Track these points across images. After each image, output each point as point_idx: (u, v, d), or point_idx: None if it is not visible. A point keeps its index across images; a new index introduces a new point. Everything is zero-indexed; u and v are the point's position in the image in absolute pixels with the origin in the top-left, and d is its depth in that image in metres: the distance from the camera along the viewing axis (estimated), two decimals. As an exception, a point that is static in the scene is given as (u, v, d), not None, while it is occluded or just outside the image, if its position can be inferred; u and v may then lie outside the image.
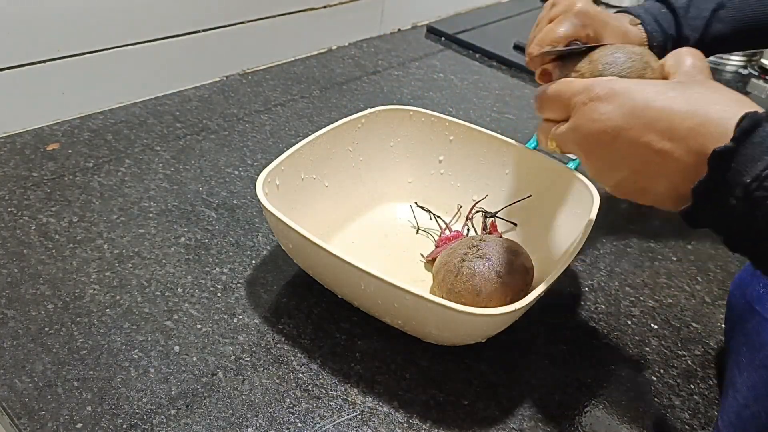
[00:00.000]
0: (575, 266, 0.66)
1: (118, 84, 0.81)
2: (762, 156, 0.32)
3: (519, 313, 0.49)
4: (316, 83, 0.94)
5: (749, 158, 0.32)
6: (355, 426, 0.47)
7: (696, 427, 0.51)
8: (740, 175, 0.32)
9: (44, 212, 0.62)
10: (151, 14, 0.80)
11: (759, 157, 0.32)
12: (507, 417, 0.49)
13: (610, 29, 0.55)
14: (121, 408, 0.46)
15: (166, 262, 0.59)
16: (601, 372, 0.55)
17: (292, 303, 0.56)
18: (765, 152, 0.32)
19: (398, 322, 0.52)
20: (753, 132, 0.32)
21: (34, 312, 0.52)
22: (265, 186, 0.54)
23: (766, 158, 0.31)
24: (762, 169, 0.31)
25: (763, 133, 0.32)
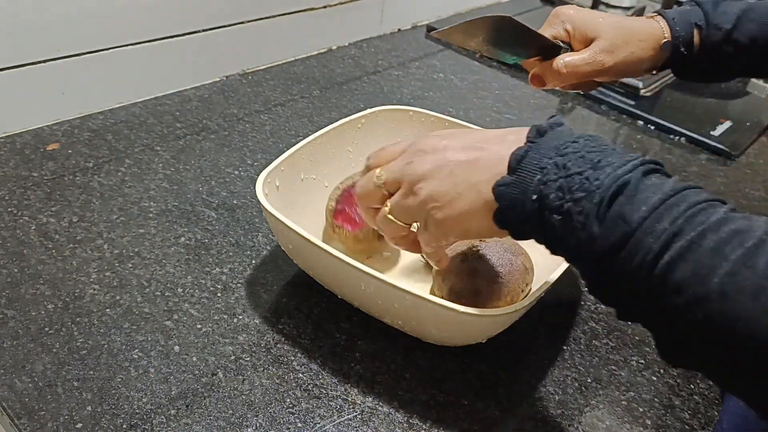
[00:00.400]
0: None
1: (118, 84, 0.81)
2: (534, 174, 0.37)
3: (519, 314, 0.49)
4: (316, 83, 0.94)
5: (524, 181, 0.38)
6: (355, 426, 0.47)
7: (696, 427, 0.51)
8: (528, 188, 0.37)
9: (44, 212, 0.62)
10: (151, 14, 0.80)
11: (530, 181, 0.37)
12: (507, 417, 0.49)
13: (592, 24, 0.60)
14: (121, 408, 0.46)
15: (166, 262, 0.59)
16: (601, 372, 0.55)
17: (292, 303, 0.56)
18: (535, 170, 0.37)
19: (398, 322, 0.52)
20: (524, 158, 0.38)
21: (34, 312, 0.52)
22: (265, 186, 0.54)
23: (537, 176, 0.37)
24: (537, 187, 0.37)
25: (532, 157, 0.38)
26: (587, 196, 0.35)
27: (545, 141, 0.38)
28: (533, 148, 0.38)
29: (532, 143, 0.39)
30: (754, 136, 0.97)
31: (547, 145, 0.38)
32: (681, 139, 0.94)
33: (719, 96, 1.09)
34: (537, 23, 1.35)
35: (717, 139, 0.93)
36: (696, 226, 0.32)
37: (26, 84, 0.73)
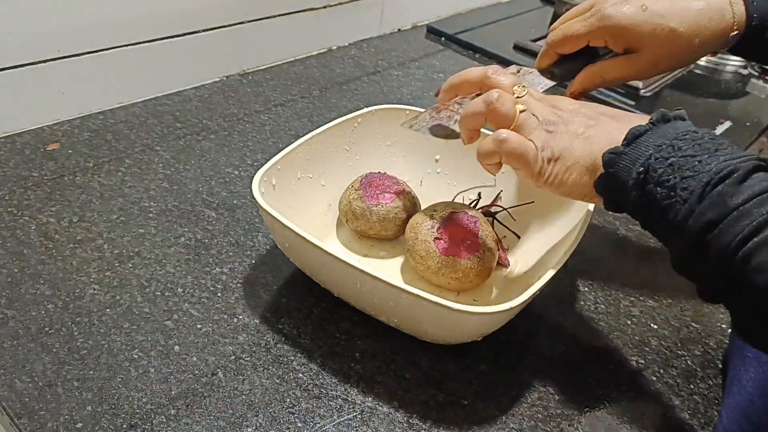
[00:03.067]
0: (575, 266, 0.66)
1: (118, 84, 0.81)
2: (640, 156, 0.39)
3: (514, 312, 0.49)
4: (316, 83, 0.94)
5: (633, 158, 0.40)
6: (355, 426, 0.47)
7: (696, 427, 0.51)
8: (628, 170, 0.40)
9: (44, 212, 0.62)
10: (151, 14, 0.80)
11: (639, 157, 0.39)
12: (507, 417, 0.49)
13: (635, 34, 0.52)
14: (121, 408, 0.46)
15: (166, 262, 0.59)
16: (601, 372, 0.55)
17: (291, 303, 0.56)
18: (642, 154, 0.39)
19: (394, 321, 0.52)
20: (634, 141, 0.40)
21: (34, 312, 0.52)
22: (262, 185, 0.54)
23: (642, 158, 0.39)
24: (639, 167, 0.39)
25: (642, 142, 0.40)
26: (696, 176, 0.36)
27: (666, 127, 0.40)
28: (654, 129, 0.40)
29: (654, 125, 0.40)
30: (754, 136, 0.97)
31: (667, 129, 0.40)
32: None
33: (719, 96, 1.09)
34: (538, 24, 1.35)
35: (717, 139, 0.92)
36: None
37: (26, 84, 0.73)
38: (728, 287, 0.36)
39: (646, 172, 0.38)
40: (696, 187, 0.36)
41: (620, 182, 0.40)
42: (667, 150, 0.38)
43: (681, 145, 0.38)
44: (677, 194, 0.37)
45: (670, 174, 0.37)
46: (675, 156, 0.38)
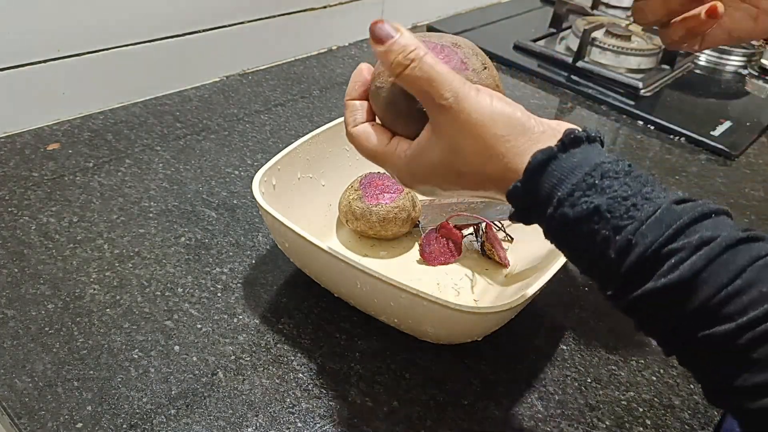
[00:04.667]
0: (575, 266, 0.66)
1: (118, 84, 0.81)
2: (550, 191, 0.34)
3: (515, 312, 0.49)
4: (316, 83, 0.94)
5: (540, 191, 0.34)
6: (355, 426, 0.47)
7: (696, 427, 0.51)
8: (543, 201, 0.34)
9: (44, 212, 0.62)
10: (151, 14, 0.80)
11: (548, 192, 0.34)
12: (507, 417, 0.49)
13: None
14: (121, 408, 0.46)
15: (166, 262, 0.59)
16: (601, 372, 0.55)
17: (291, 303, 0.56)
18: (553, 186, 0.34)
19: (394, 320, 0.52)
20: (546, 167, 0.34)
21: (34, 312, 0.52)
22: (262, 185, 0.54)
23: (554, 192, 0.34)
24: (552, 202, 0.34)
25: (555, 166, 0.34)
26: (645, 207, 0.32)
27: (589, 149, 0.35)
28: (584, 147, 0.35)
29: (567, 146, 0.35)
30: (754, 136, 0.97)
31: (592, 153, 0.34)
32: (681, 139, 0.94)
33: (719, 96, 1.09)
34: (538, 24, 1.35)
35: (717, 139, 0.93)
36: None
37: (26, 84, 0.73)
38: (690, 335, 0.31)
39: (592, 185, 0.33)
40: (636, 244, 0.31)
41: (548, 189, 0.34)
42: (579, 191, 0.33)
43: (626, 169, 0.33)
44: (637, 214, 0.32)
45: (627, 192, 0.32)
46: (625, 177, 0.33)
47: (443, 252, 0.62)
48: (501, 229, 0.65)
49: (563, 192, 0.33)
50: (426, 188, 0.40)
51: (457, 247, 0.63)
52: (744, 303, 0.29)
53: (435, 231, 0.62)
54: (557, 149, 0.34)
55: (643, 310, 0.32)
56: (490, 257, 0.63)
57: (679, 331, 0.32)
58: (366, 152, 0.41)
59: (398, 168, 0.40)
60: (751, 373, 0.29)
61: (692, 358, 0.33)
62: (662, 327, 0.33)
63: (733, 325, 0.29)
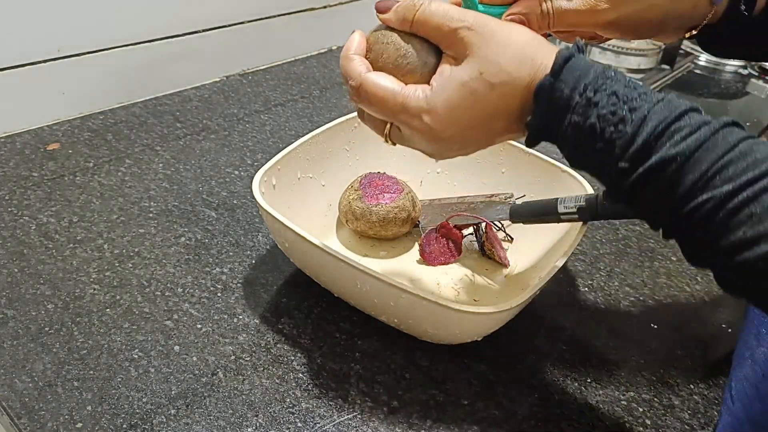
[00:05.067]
0: (575, 266, 0.66)
1: (118, 84, 0.81)
2: (577, 81, 0.36)
3: (514, 312, 0.49)
4: (316, 83, 0.94)
5: (568, 83, 0.36)
6: (355, 426, 0.47)
7: (696, 427, 0.51)
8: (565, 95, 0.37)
9: (44, 212, 0.62)
10: (151, 14, 0.80)
11: (574, 82, 0.36)
12: (507, 417, 0.49)
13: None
14: (121, 408, 0.46)
15: (166, 262, 0.59)
16: (601, 372, 0.54)
17: (291, 303, 0.56)
18: (579, 77, 0.36)
19: (394, 320, 0.52)
20: (566, 62, 0.37)
21: (34, 312, 0.52)
22: (262, 185, 0.54)
23: (580, 81, 0.36)
24: (580, 89, 0.36)
25: (575, 63, 0.37)
26: (641, 108, 0.36)
27: (579, 61, 0.37)
28: (573, 60, 0.37)
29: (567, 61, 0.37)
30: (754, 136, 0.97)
31: (582, 64, 0.37)
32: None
33: (719, 96, 1.09)
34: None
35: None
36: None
37: (26, 84, 0.73)
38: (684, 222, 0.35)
39: (588, 101, 0.36)
40: (649, 119, 0.35)
41: (557, 111, 0.37)
42: (601, 81, 0.36)
43: (613, 75, 0.36)
44: (626, 125, 0.35)
45: (615, 104, 0.35)
46: (611, 87, 0.36)
47: (443, 252, 0.62)
48: (501, 229, 0.65)
49: (588, 80, 0.36)
50: (448, 127, 0.39)
51: (457, 247, 0.63)
52: (740, 168, 0.33)
53: (435, 231, 0.62)
54: (573, 50, 0.37)
55: (644, 186, 0.35)
56: (490, 257, 0.63)
57: (670, 206, 0.35)
58: (382, 100, 0.40)
59: (418, 109, 0.39)
60: (738, 230, 0.33)
61: (684, 227, 0.36)
62: (657, 201, 0.36)
63: (728, 187, 0.33)
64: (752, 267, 0.33)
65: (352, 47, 0.42)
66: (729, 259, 0.34)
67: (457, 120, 0.39)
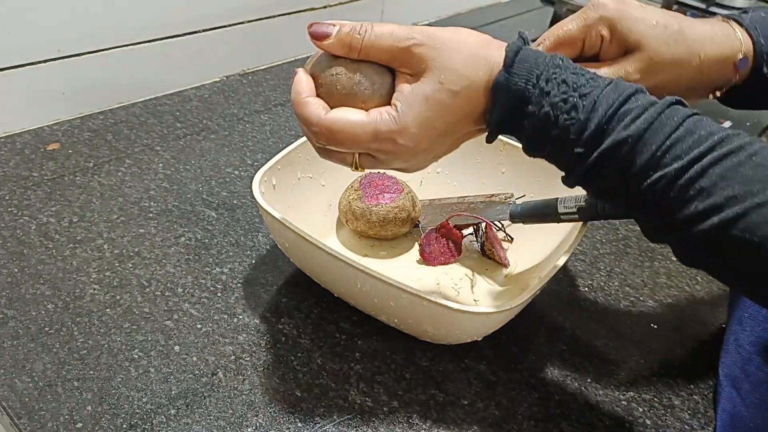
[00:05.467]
0: (575, 266, 0.66)
1: (118, 84, 0.81)
2: (529, 71, 0.37)
3: (514, 312, 0.49)
4: (316, 83, 0.94)
5: (521, 76, 0.38)
6: (355, 426, 0.47)
7: (696, 427, 0.51)
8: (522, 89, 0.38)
9: (44, 212, 0.62)
10: (151, 14, 0.80)
11: (526, 74, 0.38)
12: (507, 417, 0.49)
13: (636, 29, 0.45)
14: (121, 408, 0.46)
15: (166, 262, 0.59)
16: (601, 372, 0.55)
17: (291, 303, 0.56)
18: (530, 68, 0.37)
19: (394, 321, 0.52)
20: (516, 56, 0.38)
21: (34, 312, 0.52)
22: (262, 185, 0.54)
23: (533, 72, 0.37)
24: (530, 81, 0.37)
25: (524, 54, 0.38)
26: (590, 93, 0.37)
27: (528, 53, 0.38)
28: (522, 54, 0.39)
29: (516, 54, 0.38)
30: (754, 137, 0.97)
31: (532, 55, 0.38)
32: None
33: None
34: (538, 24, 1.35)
35: (717, 139, 0.93)
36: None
37: (26, 84, 0.73)
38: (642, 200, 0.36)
39: (541, 91, 0.37)
40: (599, 104, 0.36)
41: (515, 104, 0.38)
42: (551, 70, 0.37)
43: (561, 63, 0.38)
44: (578, 111, 0.36)
45: (566, 92, 0.37)
46: (560, 75, 0.37)
47: (443, 252, 0.62)
48: (501, 229, 0.65)
49: (539, 71, 0.37)
50: (422, 141, 0.40)
51: (457, 247, 0.63)
52: (687, 145, 0.35)
53: (435, 231, 0.62)
54: (520, 43, 0.39)
55: (600, 168, 0.37)
56: (490, 257, 0.63)
57: (626, 184, 0.37)
58: (351, 136, 0.39)
59: (390, 133, 0.39)
60: (691, 204, 0.34)
61: (640, 205, 0.37)
62: (610, 183, 0.37)
63: (678, 164, 0.35)
64: (706, 238, 0.35)
65: (302, 90, 0.41)
66: (685, 232, 0.35)
67: (429, 132, 0.40)
